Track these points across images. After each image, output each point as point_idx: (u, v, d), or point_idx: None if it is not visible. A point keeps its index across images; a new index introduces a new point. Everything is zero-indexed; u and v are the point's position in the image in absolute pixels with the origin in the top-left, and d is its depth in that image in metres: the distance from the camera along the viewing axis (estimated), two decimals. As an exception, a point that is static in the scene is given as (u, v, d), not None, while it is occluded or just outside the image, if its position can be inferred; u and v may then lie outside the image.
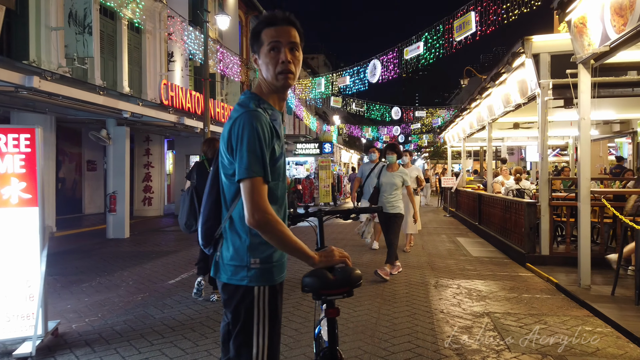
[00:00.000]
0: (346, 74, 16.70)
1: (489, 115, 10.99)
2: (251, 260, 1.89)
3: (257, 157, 1.81)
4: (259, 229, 1.79)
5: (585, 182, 5.91)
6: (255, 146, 1.81)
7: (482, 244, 10.04)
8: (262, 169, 1.81)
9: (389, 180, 6.93)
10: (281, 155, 1.98)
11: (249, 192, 1.79)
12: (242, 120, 1.85)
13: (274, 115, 1.99)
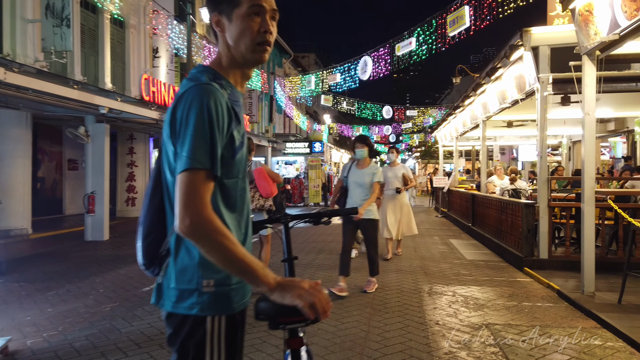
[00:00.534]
0: (337, 72, 16.26)
1: (483, 113, 10.59)
2: (203, 282, 1.41)
3: (205, 143, 1.35)
4: (191, 237, 1.32)
5: (590, 182, 5.50)
6: (204, 129, 1.35)
7: (476, 246, 9.63)
8: (209, 159, 1.35)
9: (358, 179, 5.69)
10: (242, 145, 1.50)
11: (184, 187, 1.32)
12: (189, 97, 1.39)
13: (234, 95, 1.52)
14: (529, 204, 7.17)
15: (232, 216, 1.50)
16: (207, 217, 1.31)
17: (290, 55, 31.69)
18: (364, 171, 5.72)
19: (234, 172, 1.48)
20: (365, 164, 5.81)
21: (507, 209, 8.16)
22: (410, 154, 44.27)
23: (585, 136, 5.59)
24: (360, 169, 5.77)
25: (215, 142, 1.37)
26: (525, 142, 18.38)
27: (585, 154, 5.60)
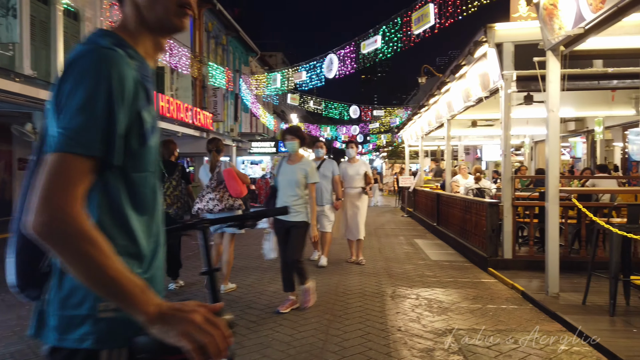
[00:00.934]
0: (302, 69, 15.95)
1: (448, 111, 10.48)
2: (99, 306, 1.06)
3: (96, 120, 1.01)
4: (45, 239, 0.96)
5: (554, 181, 5.36)
6: (99, 103, 1.01)
7: (441, 246, 9.49)
8: (100, 143, 1.02)
9: (287, 175, 4.94)
10: (153, 130, 1.16)
11: (50, 173, 0.98)
12: (83, 63, 1.04)
13: (144, 68, 1.18)
14: (493, 203, 7.03)
15: (140, 220, 1.16)
16: (72, 215, 0.96)
17: (256, 53, 31.21)
18: (296, 167, 4.96)
19: (144, 164, 1.14)
20: (297, 159, 5.04)
21: (471, 209, 8.03)
22: (377, 153, 44.41)
23: (549, 134, 5.45)
24: (291, 164, 5.00)
25: (115, 122, 1.03)
26: (489, 142, 18.55)
27: (550, 153, 5.46)
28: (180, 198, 5.74)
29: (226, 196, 5.41)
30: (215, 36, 25.54)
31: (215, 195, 5.35)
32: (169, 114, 12.60)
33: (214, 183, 5.41)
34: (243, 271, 6.94)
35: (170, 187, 5.61)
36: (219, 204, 5.32)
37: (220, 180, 5.38)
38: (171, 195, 5.61)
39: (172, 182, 5.64)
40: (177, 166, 5.83)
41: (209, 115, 15.84)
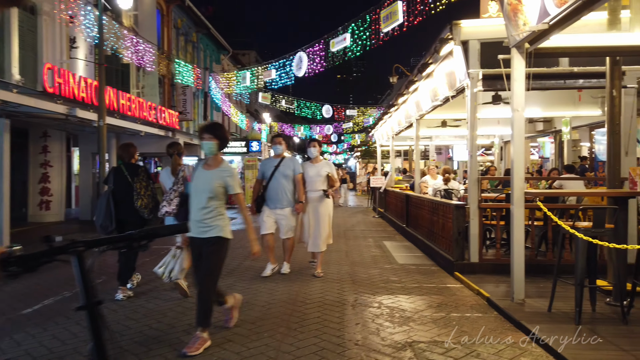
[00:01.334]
0: (272, 68, 15.56)
1: (416, 111, 10.27)
2: None
3: None
4: None
5: (519, 183, 5.16)
6: None
7: (410, 248, 9.27)
8: None
9: (200, 182, 4.08)
10: None
11: None
12: None
13: None
14: (459, 205, 6.82)
15: None
16: None
17: (228, 51, 30.63)
18: (214, 172, 4.08)
19: None
20: (215, 164, 4.13)
21: (438, 210, 7.82)
22: (351, 153, 44.32)
23: (514, 134, 5.25)
24: (208, 169, 4.11)
25: None
26: (459, 142, 18.54)
27: (515, 153, 5.26)
28: (153, 196, 5.62)
29: None
30: (185, 33, 24.89)
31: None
32: (130, 112, 12.03)
33: (181, 187, 5.24)
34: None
35: (142, 187, 5.48)
36: None
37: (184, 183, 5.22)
38: (145, 195, 5.50)
39: (142, 183, 5.51)
40: (140, 167, 5.72)
41: (174, 113, 15.29)
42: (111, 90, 11.44)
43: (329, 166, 6.98)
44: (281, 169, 6.60)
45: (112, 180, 5.54)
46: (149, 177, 5.74)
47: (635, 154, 6.38)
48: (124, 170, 5.55)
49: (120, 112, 11.85)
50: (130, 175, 5.52)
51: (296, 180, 6.65)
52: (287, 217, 6.67)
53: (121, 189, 5.44)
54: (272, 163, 6.68)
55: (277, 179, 6.57)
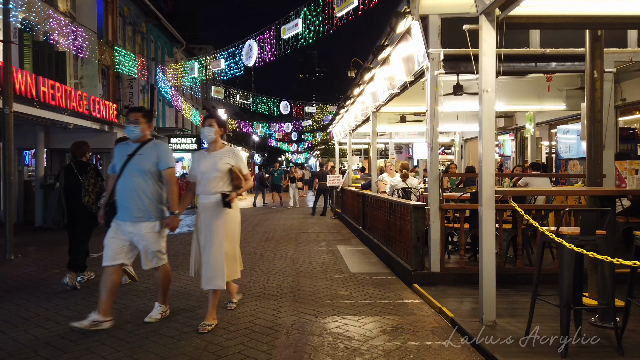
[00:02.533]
0: (220, 57, 14.31)
1: (373, 102, 9.32)
2: None
3: None
4: None
5: (488, 180, 4.23)
6: None
7: (365, 254, 8.29)
8: None
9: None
10: None
11: None
12: None
13: None
14: (418, 206, 5.86)
15: None
16: None
17: (182, 44, 28.98)
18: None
19: None
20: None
21: (395, 211, 6.86)
22: (312, 152, 43.29)
23: (483, 120, 4.32)
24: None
25: None
26: (419, 139, 17.80)
27: (484, 144, 4.33)
28: (101, 193, 5.66)
29: None
30: (133, 23, 23.16)
31: None
32: (54, 101, 10.54)
33: None
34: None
35: (90, 184, 5.62)
36: None
37: None
38: (93, 191, 5.61)
39: (91, 180, 5.65)
40: (89, 165, 5.84)
41: (112, 105, 13.78)
42: (28, 75, 9.90)
43: (232, 156, 4.42)
44: (136, 160, 4.25)
45: (62, 177, 5.80)
46: (98, 174, 5.80)
47: (613, 148, 5.61)
48: (74, 168, 5.78)
49: (42, 101, 10.32)
50: (80, 173, 5.72)
51: (165, 179, 4.31)
52: (145, 236, 4.25)
53: (71, 186, 5.69)
54: (127, 150, 4.30)
55: (126, 175, 4.23)
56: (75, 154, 5.96)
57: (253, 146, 46.10)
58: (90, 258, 6.26)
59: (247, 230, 11.70)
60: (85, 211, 5.60)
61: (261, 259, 7.69)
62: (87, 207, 5.56)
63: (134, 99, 20.26)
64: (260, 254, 8.23)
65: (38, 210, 12.72)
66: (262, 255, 8.03)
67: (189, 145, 18.72)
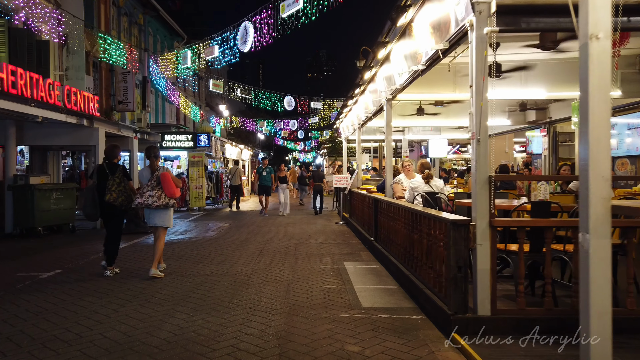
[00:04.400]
0: (214, 43, 12.64)
1: (387, 88, 7.54)
2: None
3: None
4: None
5: (600, 188, 2.45)
6: None
7: (379, 275, 6.52)
8: None
9: None
10: None
11: None
12: None
13: None
14: (459, 222, 4.07)
15: None
16: None
17: (183, 38, 27.35)
18: None
19: None
20: None
21: (421, 225, 5.09)
22: (319, 150, 41.50)
23: (591, 87, 2.53)
24: None
25: None
26: (435, 136, 16.00)
27: (593, 128, 2.55)
28: (124, 192, 6.41)
29: (163, 195, 6.29)
30: (129, 14, 21.56)
31: (154, 193, 6.23)
32: (15, 89, 8.93)
33: (154, 183, 6.28)
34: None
35: (114, 183, 6.31)
36: (157, 200, 6.23)
37: (159, 182, 6.29)
38: (116, 190, 6.31)
39: (116, 180, 6.34)
40: (119, 167, 6.49)
41: (93, 97, 12.11)
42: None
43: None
44: None
45: (95, 176, 6.45)
46: (125, 175, 6.48)
47: None
48: (105, 169, 6.42)
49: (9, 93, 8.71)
50: (110, 173, 6.36)
51: None
52: None
53: (103, 184, 6.31)
54: None
55: None
56: (108, 156, 6.61)
57: (259, 145, 44.45)
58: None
59: (240, 239, 9.99)
60: (114, 207, 6.36)
61: (247, 284, 5.97)
62: (110, 204, 6.30)
63: (128, 93, 18.62)
64: (248, 274, 6.50)
65: (8, 214, 11.11)
66: (250, 278, 6.31)
67: (184, 143, 17.06)
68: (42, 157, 14.82)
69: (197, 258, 7.80)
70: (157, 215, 6.33)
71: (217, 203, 18.76)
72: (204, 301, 5.18)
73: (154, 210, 6.31)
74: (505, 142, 15.77)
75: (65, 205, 11.31)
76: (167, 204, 6.29)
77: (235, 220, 13.83)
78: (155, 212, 6.32)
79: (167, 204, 6.29)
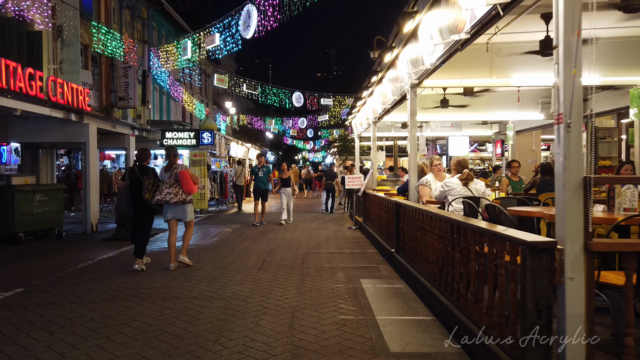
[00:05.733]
0: (215, 31, 11.43)
1: (412, 70, 6.22)
2: None
3: None
4: None
5: None
6: None
7: (405, 299, 5.22)
8: None
9: None
10: None
11: None
12: None
13: None
14: (540, 245, 2.75)
15: None
16: None
17: (189, 33, 26.20)
18: None
19: None
20: None
21: (467, 241, 3.78)
22: (329, 150, 40.18)
23: None
24: None
25: None
26: (455, 132, 14.64)
27: None
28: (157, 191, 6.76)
29: (180, 192, 6.68)
30: (131, 7, 20.49)
31: (172, 190, 6.63)
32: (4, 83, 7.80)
33: (172, 180, 6.69)
34: None
35: (150, 183, 6.74)
36: (174, 197, 6.62)
37: (177, 179, 6.68)
38: (152, 189, 6.74)
39: (150, 180, 6.77)
40: (149, 169, 6.92)
41: (83, 89, 10.93)
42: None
43: None
44: None
45: (128, 177, 6.86)
46: (156, 175, 6.94)
47: None
48: (137, 170, 6.83)
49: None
50: (141, 175, 6.79)
51: None
52: None
53: (134, 184, 6.75)
54: None
55: None
56: (138, 159, 6.97)
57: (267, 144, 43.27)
58: None
59: (241, 247, 8.75)
60: (144, 205, 6.70)
61: (241, 312, 4.71)
62: (146, 202, 6.65)
63: (129, 89, 17.47)
64: (244, 297, 5.25)
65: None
66: (246, 303, 5.05)
67: (186, 141, 15.87)
68: (34, 155, 13.73)
69: (187, 273, 6.57)
70: (174, 210, 6.78)
71: (221, 204, 17.58)
72: (182, 340, 3.93)
73: (172, 206, 6.73)
74: (531, 139, 14.35)
75: (50, 208, 10.14)
76: (184, 200, 6.69)
77: (239, 224, 12.60)
78: (173, 208, 6.76)
79: (184, 200, 6.69)
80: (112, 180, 15.74)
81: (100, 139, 13.39)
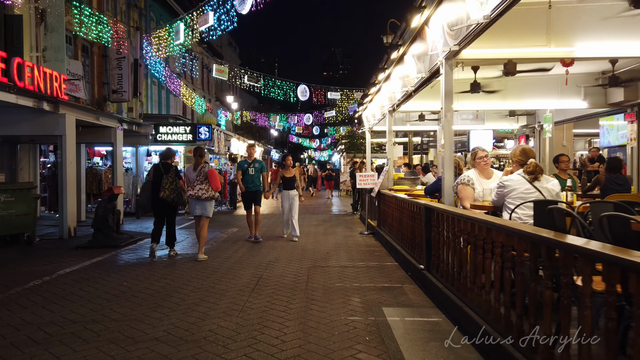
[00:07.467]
0: (209, 10, 9.97)
1: (450, 33, 4.69)
2: None
3: None
4: None
5: None
6: None
7: (443, 338, 3.69)
8: None
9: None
10: None
11: None
12: None
13: None
14: None
15: None
16: None
17: (189, 25, 24.78)
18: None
19: None
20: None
21: (567, 268, 2.26)
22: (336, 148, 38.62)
23: None
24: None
25: None
26: (478, 126, 13.06)
27: None
28: (176, 190, 7.24)
29: (210, 188, 7.10)
30: (127, -6, 19.06)
31: (203, 187, 7.04)
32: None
33: (202, 178, 7.09)
34: None
35: (168, 182, 7.14)
36: (205, 193, 7.03)
37: (206, 177, 7.10)
38: (169, 188, 7.13)
39: (169, 179, 7.18)
40: (172, 167, 7.35)
41: (58, 75, 9.47)
42: None
43: None
44: None
45: (152, 174, 7.35)
46: (177, 174, 7.36)
47: None
48: (160, 168, 7.30)
49: None
50: (164, 172, 7.23)
51: None
52: None
53: (159, 181, 7.21)
54: None
55: None
56: (163, 157, 7.50)
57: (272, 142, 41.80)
58: None
59: (234, 258, 7.27)
60: (166, 202, 7.19)
61: (217, 368, 3.21)
62: (163, 200, 7.13)
63: (123, 82, 16.05)
64: (224, 340, 3.75)
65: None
66: (226, 349, 3.56)
67: (182, 136, 14.44)
68: (11, 151, 12.34)
69: (159, 295, 5.09)
70: (202, 206, 7.08)
71: (220, 205, 16.13)
72: None
73: (202, 201, 7.07)
74: (562, 133, 12.75)
75: (18, 211, 8.71)
76: (213, 196, 7.11)
77: (236, 228, 11.13)
78: (203, 203, 7.07)
79: (213, 196, 7.10)
80: (102, 179, 14.37)
81: (84, 133, 11.98)
